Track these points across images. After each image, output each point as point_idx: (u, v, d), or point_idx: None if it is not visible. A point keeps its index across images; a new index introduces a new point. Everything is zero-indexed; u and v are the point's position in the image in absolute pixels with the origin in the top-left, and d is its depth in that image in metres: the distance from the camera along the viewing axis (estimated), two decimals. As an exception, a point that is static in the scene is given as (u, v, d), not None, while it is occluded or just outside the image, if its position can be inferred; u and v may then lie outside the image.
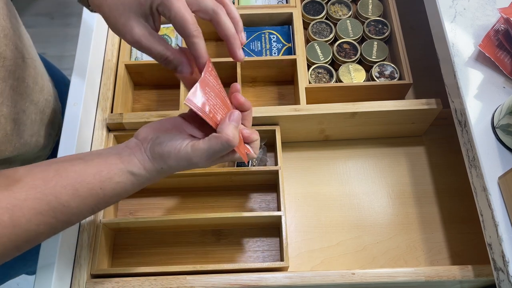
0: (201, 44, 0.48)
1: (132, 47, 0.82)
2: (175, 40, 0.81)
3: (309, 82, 0.77)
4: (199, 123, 0.51)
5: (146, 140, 0.49)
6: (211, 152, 0.47)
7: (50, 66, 0.82)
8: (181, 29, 0.47)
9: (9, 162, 0.65)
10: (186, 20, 0.46)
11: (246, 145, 0.54)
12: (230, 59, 0.77)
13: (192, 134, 0.50)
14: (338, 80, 0.78)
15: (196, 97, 0.47)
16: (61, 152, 0.64)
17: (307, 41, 0.83)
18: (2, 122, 0.58)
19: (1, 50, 0.56)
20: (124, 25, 0.48)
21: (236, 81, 0.75)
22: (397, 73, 0.78)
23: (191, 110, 0.51)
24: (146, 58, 0.81)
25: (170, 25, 0.83)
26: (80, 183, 0.45)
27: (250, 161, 0.73)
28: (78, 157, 0.48)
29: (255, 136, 0.55)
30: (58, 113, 0.75)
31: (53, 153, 0.77)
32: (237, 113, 0.49)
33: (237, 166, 0.73)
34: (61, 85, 0.80)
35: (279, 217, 0.66)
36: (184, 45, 0.65)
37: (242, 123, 0.54)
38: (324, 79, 0.78)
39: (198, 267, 0.62)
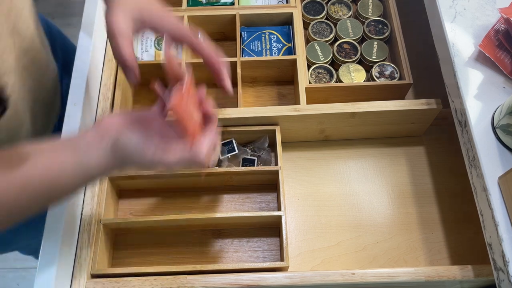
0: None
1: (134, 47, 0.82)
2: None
3: (309, 82, 0.77)
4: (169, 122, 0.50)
5: (108, 133, 0.46)
6: (176, 165, 0.46)
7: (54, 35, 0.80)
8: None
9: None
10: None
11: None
12: (230, 59, 0.78)
13: (160, 132, 0.48)
14: (338, 80, 0.78)
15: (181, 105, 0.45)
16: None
17: (307, 41, 0.83)
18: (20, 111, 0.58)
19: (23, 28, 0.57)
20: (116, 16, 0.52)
21: (237, 81, 0.75)
22: (397, 73, 0.78)
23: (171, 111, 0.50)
24: (146, 58, 0.82)
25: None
26: (28, 183, 0.42)
27: (256, 162, 0.73)
28: (26, 153, 0.44)
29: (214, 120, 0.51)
30: (58, 94, 0.74)
31: None
32: (215, 134, 0.48)
33: (242, 165, 0.73)
34: (70, 54, 0.78)
35: (279, 217, 0.66)
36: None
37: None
38: (324, 79, 0.78)
39: (198, 267, 0.62)
